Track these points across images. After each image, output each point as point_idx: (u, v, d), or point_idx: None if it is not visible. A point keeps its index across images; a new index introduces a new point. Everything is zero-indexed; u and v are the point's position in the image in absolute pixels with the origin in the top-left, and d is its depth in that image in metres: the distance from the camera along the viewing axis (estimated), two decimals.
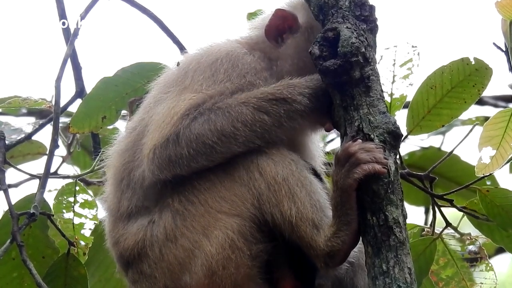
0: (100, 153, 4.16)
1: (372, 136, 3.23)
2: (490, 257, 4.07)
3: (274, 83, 3.46)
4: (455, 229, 4.01)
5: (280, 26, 3.62)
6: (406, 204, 3.26)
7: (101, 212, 4.13)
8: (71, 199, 4.17)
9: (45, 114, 5.43)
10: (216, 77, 3.47)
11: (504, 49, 3.85)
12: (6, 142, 4.13)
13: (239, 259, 3.29)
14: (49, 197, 4.17)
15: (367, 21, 3.33)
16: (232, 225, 3.30)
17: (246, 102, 3.36)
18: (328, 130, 3.51)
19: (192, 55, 3.65)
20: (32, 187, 5.02)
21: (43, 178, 3.91)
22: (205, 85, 3.45)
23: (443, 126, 3.92)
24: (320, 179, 3.48)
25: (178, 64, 3.63)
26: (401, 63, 4.00)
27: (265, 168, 3.32)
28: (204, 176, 3.36)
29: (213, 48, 3.61)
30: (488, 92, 3.97)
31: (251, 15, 4.29)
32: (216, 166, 3.35)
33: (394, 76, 3.99)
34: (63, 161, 4.61)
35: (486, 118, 4.09)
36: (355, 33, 3.26)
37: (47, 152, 4.04)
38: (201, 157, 3.34)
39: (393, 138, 3.25)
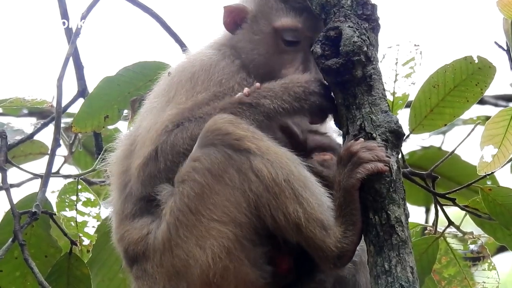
0: (102, 153, 4.17)
1: (374, 135, 3.23)
2: (491, 256, 4.07)
3: (252, 79, 3.50)
4: (457, 227, 4.01)
5: (235, 19, 3.63)
6: (407, 204, 3.26)
7: (104, 212, 4.14)
8: (74, 198, 4.17)
9: (45, 115, 5.44)
10: (195, 90, 3.49)
11: (505, 48, 3.86)
12: (8, 142, 4.13)
13: (237, 267, 3.23)
14: (51, 198, 4.17)
15: (369, 20, 3.33)
16: (227, 234, 3.21)
17: (223, 109, 3.36)
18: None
19: (178, 66, 3.66)
20: (33, 187, 5.03)
21: (45, 177, 3.91)
22: (185, 97, 3.46)
23: (445, 125, 3.92)
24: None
25: (169, 74, 3.64)
26: (404, 62, 3.99)
27: (261, 169, 3.21)
28: (192, 181, 3.27)
29: (192, 59, 3.63)
30: (489, 91, 3.97)
31: None
32: (203, 169, 3.25)
33: (396, 75, 3.98)
34: (64, 161, 4.61)
35: (487, 118, 4.09)
36: (357, 32, 3.26)
37: (49, 152, 4.04)
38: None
39: (395, 137, 3.25)
